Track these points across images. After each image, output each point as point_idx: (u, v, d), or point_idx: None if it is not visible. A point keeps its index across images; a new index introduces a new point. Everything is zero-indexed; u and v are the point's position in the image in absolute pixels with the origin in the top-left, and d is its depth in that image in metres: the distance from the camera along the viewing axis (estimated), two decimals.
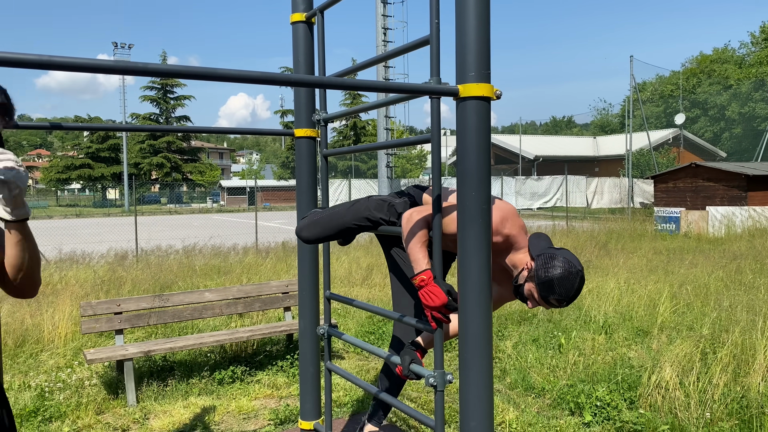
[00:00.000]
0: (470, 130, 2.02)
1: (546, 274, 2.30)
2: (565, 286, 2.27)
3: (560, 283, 2.28)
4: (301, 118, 3.20)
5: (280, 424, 4.33)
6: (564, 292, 2.28)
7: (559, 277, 2.27)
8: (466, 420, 2.08)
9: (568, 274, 2.27)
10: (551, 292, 2.29)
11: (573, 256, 2.36)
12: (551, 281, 2.28)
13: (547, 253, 2.35)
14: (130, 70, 1.49)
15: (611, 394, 4.39)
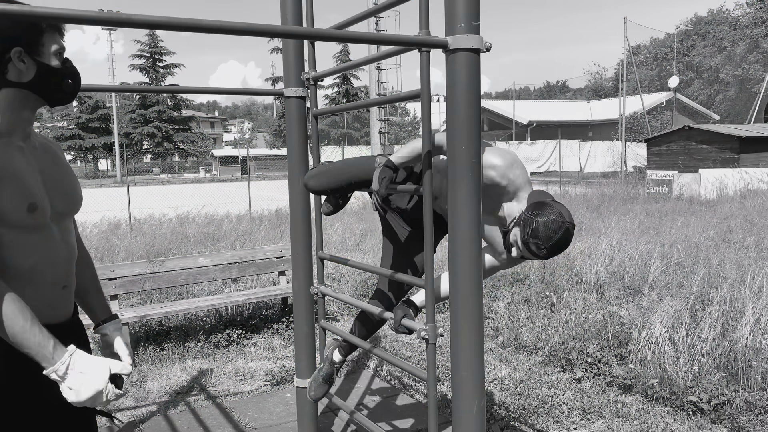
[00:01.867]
0: (460, 83, 2.01)
1: (532, 216, 2.26)
2: (547, 233, 2.21)
3: (543, 228, 2.22)
4: (290, 77, 3.16)
5: (276, 384, 4.39)
6: (545, 237, 2.21)
7: (543, 222, 2.22)
8: (457, 370, 2.11)
9: (552, 222, 2.22)
10: (532, 236, 2.23)
11: (566, 210, 2.31)
12: (535, 224, 2.23)
13: (541, 200, 2.32)
14: (114, 21, 1.47)
15: (602, 351, 4.46)
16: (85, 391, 1.52)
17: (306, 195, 3.30)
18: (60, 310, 1.71)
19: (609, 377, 4.18)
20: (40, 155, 1.72)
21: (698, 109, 42.56)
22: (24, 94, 1.63)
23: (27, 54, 1.59)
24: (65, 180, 1.77)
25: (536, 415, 3.75)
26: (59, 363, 1.50)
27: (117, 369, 1.58)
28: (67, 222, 1.78)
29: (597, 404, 3.86)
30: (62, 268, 1.71)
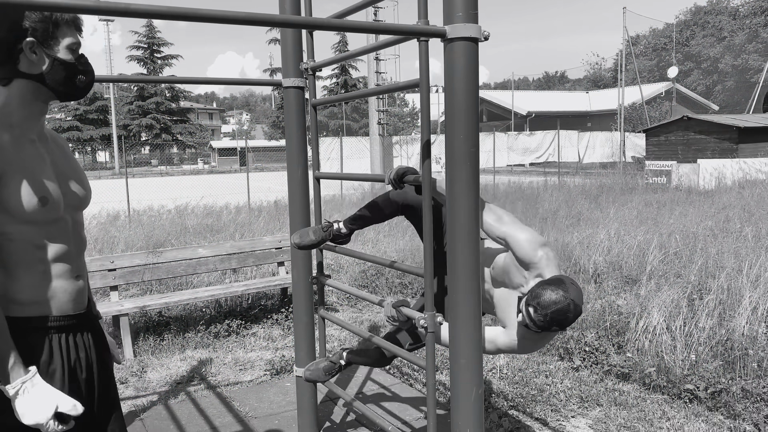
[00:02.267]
0: (458, 72, 2.01)
1: (542, 284, 2.16)
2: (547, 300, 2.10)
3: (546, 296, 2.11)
4: (289, 68, 3.16)
5: (276, 374, 4.41)
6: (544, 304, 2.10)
7: (549, 290, 2.12)
8: (456, 358, 2.13)
9: (557, 292, 2.10)
10: (533, 299, 2.14)
11: (578, 291, 2.15)
12: (540, 291, 2.13)
13: (559, 277, 2.19)
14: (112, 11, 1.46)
15: (600, 340, 4.49)
16: (27, 418, 1.54)
17: (305, 185, 3.31)
18: (77, 300, 1.75)
19: (607, 366, 4.21)
20: (51, 148, 1.73)
21: (697, 100, 42.51)
22: (35, 87, 1.63)
23: (40, 46, 1.59)
24: (75, 173, 1.79)
25: (534, 404, 3.78)
26: (10, 386, 1.53)
27: (64, 408, 1.57)
28: (79, 215, 1.80)
29: (594, 392, 3.89)
30: (75, 260, 1.74)
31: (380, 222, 2.92)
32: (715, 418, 3.50)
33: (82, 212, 1.87)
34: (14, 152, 1.58)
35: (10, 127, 1.60)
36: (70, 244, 1.72)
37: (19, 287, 1.61)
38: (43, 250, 1.63)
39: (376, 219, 2.88)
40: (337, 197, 15.35)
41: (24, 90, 1.62)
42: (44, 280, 1.64)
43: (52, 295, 1.65)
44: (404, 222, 10.39)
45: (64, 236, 1.69)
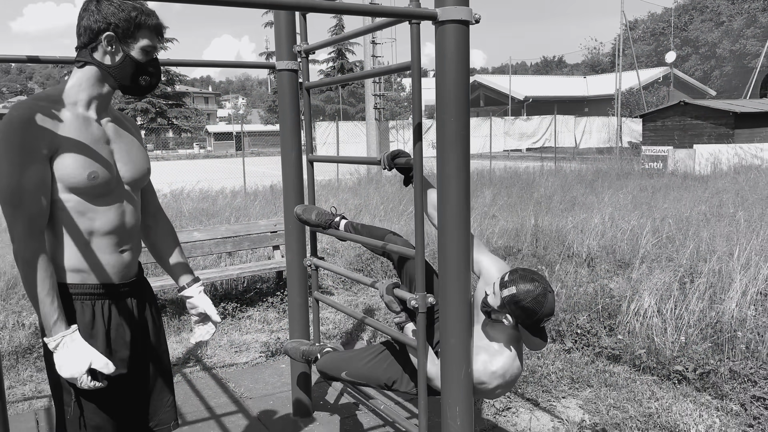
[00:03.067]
0: (449, 54, 2.03)
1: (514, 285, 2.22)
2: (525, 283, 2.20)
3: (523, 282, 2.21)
4: (282, 50, 3.16)
5: (271, 356, 4.46)
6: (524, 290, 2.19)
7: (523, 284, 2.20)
8: (446, 337, 2.16)
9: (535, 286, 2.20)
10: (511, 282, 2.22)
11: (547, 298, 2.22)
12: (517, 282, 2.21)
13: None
14: None
15: (591, 322, 4.54)
16: (63, 371, 1.67)
17: (298, 168, 3.32)
18: (122, 272, 1.85)
19: (598, 348, 4.26)
20: (112, 129, 1.83)
21: (695, 85, 42.44)
22: (104, 75, 1.77)
23: (118, 41, 1.74)
24: (133, 153, 1.88)
25: (525, 385, 3.83)
26: (52, 339, 1.67)
27: (97, 365, 1.68)
28: (134, 191, 1.89)
29: (585, 374, 3.94)
30: (123, 234, 1.83)
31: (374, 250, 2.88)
32: (703, 399, 3.56)
33: (148, 189, 2.03)
34: (73, 129, 1.70)
35: (74, 105, 1.74)
36: (119, 219, 1.81)
37: (65, 254, 1.74)
38: (90, 221, 1.75)
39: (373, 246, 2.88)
40: (333, 182, 15.34)
41: (93, 75, 1.76)
42: (89, 250, 1.76)
43: (95, 265, 1.77)
44: (400, 207, 10.42)
45: (113, 211, 1.79)
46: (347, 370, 2.71)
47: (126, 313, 1.88)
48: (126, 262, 1.86)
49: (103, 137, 1.80)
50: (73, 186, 1.70)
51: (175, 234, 2.14)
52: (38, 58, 2.69)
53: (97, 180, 1.72)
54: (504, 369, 2.26)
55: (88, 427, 1.79)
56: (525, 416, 3.45)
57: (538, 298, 2.18)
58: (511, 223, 8.12)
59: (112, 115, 1.87)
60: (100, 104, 1.80)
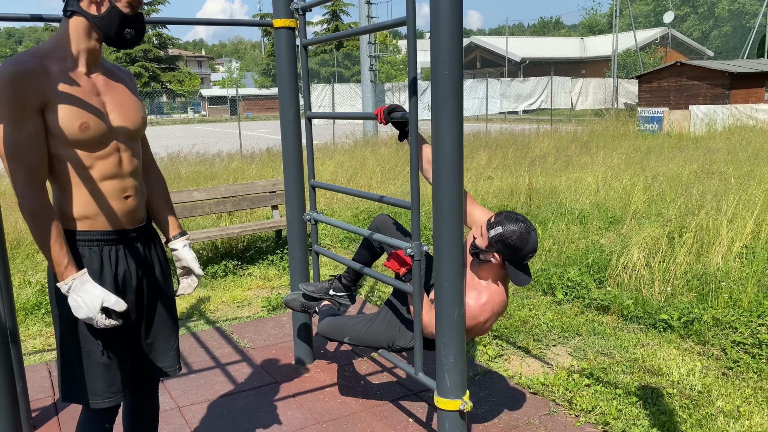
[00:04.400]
0: (443, 10, 2.10)
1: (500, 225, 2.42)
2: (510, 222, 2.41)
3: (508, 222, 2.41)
4: (279, 8, 3.21)
5: (273, 310, 4.61)
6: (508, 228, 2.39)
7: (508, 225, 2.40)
8: (440, 281, 2.29)
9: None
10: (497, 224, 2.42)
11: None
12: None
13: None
14: None
15: (582, 276, 4.69)
16: (79, 313, 1.77)
17: (297, 125, 3.41)
18: (125, 217, 1.92)
19: (587, 299, 4.42)
20: (103, 81, 1.88)
21: (692, 45, 42.07)
22: (90, 27, 1.80)
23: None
24: (126, 103, 1.92)
25: (517, 334, 3.99)
26: (64, 283, 1.76)
27: (109, 304, 1.78)
28: (130, 140, 1.94)
29: (575, 324, 4.10)
30: (124, 180, 1.90)
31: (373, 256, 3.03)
32: (686, 344, 3.72)
33: (142, 141, 2.06)
34: (62, 83, 1.74)
35: (62, 59, 1.77)
36: (118, 167, 1.88)
37: (70, 203, 1.82)
38: (90, 171, 1.82)
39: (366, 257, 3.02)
40: (329, 145, 15.36)
41: (79, 27, 1.79)
42: (93, 198, 1.84)
43: (100, 212, 1.85)
44: (396, 168, 10.50)
45: (111, 159, 1.86)
46: (349, 336, 2.87)
47: (133, 258, 1.96)
48: (131, 207, 1.93)
49: (94, 89, 1.84)
50: (67, 138, 1.75)
51: (165, 186, 2.21)
52: (41, 16, 2.74)
53: (89, 131, 1.78)
54: (493, 302, 2.45)
55: (95, 370, 1.88)
56: (516, 362, 3.62)
57: (522, 236, 2.35)
58: (505, 183, 8.23)
59: (103, 68, 1.91)
60: (89, 58, 1.83)
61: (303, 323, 3.60)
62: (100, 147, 1.83)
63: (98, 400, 1.89)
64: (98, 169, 1.83)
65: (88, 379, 1.87)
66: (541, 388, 3.26)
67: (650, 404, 3.04)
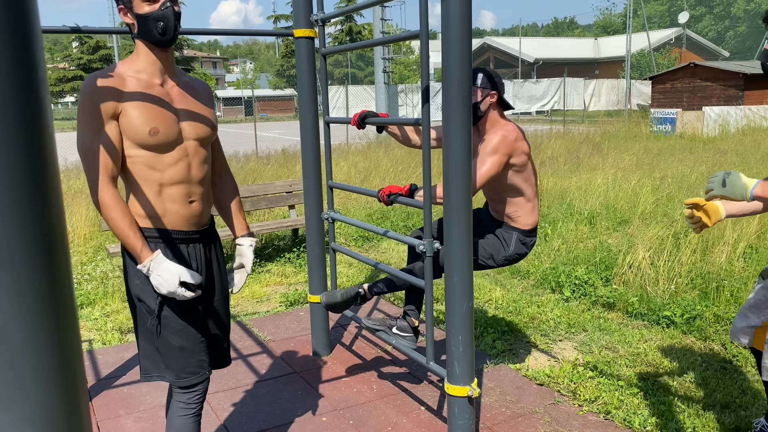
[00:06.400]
0: (453, 21, 2.27)
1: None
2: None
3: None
4: (300, 19, 3.40)
5: (290, 305, 4.81)
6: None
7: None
8: (450, 276, 2.47)
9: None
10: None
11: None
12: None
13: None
14: None
15: (589, 274, 4.84)
16: (162, 289, 1.95)
17: (315, 129, 3.60)
18: (189, 220, 2.08)
19: (594, 297, 4.57)
20: (176, 91, 2.05)
21: (707, 46, 41.82)
22: (144, 42, 1.99)
23: (129, 10, 1.96)
24: (197, 112, 2.09)
25: (525, 330, 4.16)
26: (142, 265, 1.95)
27: (185, 278, 1.96)
28: (199, 148, 2.09)
29: (581, 320, 4.26)
30: (191, 185, 2.06)
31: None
32: (688, 340, 3.87)
33: (215, 146, 2.24)
34: (135, 92, 1.94)
35: (137, 72, 1.98)
36: (186, 172, 2.04)
37: (138, 201, 2.00)
38: (159, 173, 1.99)
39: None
40: (343, 146, 15.58)
41: (140, 46, 2.00)
42: (159, 199, 2.01)
43: (165, 213, 2.02)
44: (409, 169, 10.67)
45: (180, 164, 2.02)
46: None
47: (193, 259, 2.11)
48: (195, 211, 2.09)
49: (167, 98, 2.01)
50: (138, 141, 1.94)
51: (237, 190, 2.37)
52: (80, 28, 2.95)
53: (158, 135, 1.95)
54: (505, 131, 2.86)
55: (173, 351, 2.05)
56: (524, 356, 3.78)
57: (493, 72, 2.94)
58: None
59: (179, 79, 2.09)
60: (160, 69, 2.01)
61: (321, 317, 3.79)
62: (169, 151, 2.00)
63: (183, 378, 2.07)
64: (167, 173, 2.00)
65: (165, 359, 2.06)
66: (546, 379, 3.43)
67: (651, 395, 3.19)
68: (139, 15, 1.95)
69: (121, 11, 1.97)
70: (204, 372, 2.12)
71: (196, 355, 2.09)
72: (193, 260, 2.11)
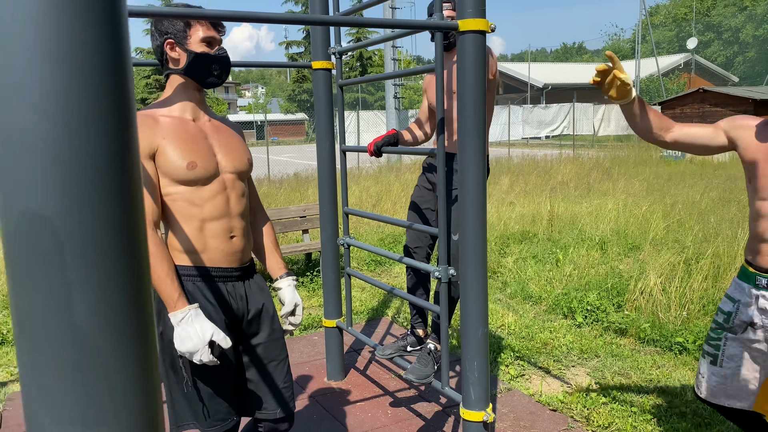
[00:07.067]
0: (468, 59, 2.37)
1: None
2: None
3: None
4: (318, 52, 3.52)
5: (304, 329, 4.86)
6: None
7: None
8: (465, 302, 2.53)
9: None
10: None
11: None
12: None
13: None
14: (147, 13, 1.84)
15: (601, 300, 4.87)
16: (182, 346, 1.83)
17: (332, 157, 3.69)
18: (230, 256, 2.02)
19: (606, 323, 4.60)
20: (210, 126, 2.05)
21: (716, 71, 41.95)
22: (184, 79, 1.98)
23: (178, 45, 1.95)
24: (232, 147, 2.08)
25: (538, 355, 4.19)
26: (173, 314, 1.84)
27: (217, 339, 1.85)
28: (236, 181, 2.06)
29: (594, 346, 4.28)
30: (231, 220, 2.02)
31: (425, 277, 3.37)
32: None
33: (248, 182, 2.18)
34: (171, 130, 1.92)
35: (170, 111, 1.97)
36: (225, 207, 2.00)
37: (178, 238, 1.95)
38: (198, 208, 1.95)
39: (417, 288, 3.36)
40: (354, 169, 15.73)
41: (176, 83, 1.99)
42: (200, 235, 1.96)
43: (205, 249, 1.97)
44: None
45: (219, 199, 1.98)
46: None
47: (233, 297, 2.03)
48: (236, 247, 2.02)
49: (201, 133, 1.99)
50: (176, 177, 1.90)
51: (272, 228, 2.30)
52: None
53: (196, 169, 1.91)
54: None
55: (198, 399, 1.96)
56: (537, 381, 3.81)
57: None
58: (527, 209, 8.43)
59: (210, 116, 2.07)
60: (194, 107, 2.01)
61: (335, 342, 3.84)
62: (207, 186, 1.95)
63: (208, 427, 2.00)
64: (206, 208, 1.95)
65: (194, 406, 1.97)
66: (560, 405, 3.45)
67: (664, 422, 3.21)
68: (195, 53, 1.94)
69: (169, 45, 1.94)
70: (232, 418, 2.05)
71: (225, 402, 2.02)
72: (233, 299, 2.04)
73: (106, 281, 0.56)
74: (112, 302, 0.56)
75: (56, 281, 0.54)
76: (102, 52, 0.55)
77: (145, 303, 0.61)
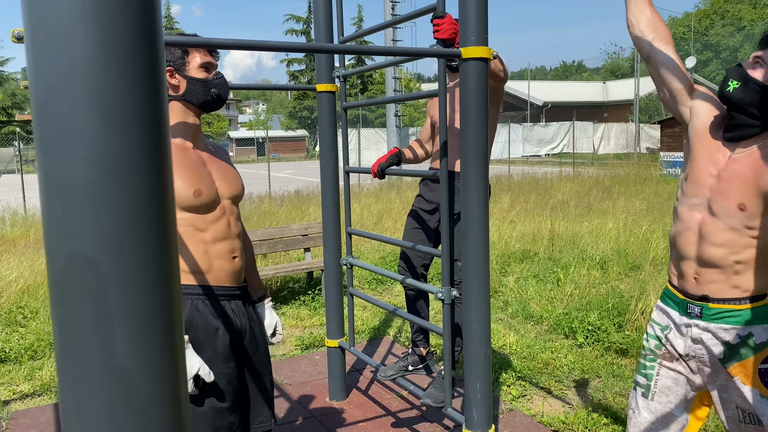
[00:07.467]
0: (471, 85, 2.43)
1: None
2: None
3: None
4: (322, 75, 3.59)
5: (306, 349, 4.88)
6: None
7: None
8: (468, 323, 2.56)
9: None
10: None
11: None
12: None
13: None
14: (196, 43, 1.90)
15: (602, 320, 4.89)
16: None
17: (335, 177, 3.74)
18: (233, 275, 2.12)
19: (607, 342, 4.62)
20: (206, 155, 2.11)
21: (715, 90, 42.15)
22: (184, 105, 2.05)
23: (177, 72, 2.02)
24: (228, 174, 2.16)
25: (540, 375, 4.20)
26: None
27: (202, 372, 1.93)
28: (233, 205, 2.16)
29: (595, 366, 4.30)
30: (232, 242, 2.11)
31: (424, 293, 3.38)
32: None
33: (238, 205, 2.24)
34: (175, 158, 1.96)
35: (172, 138, 2.01)
36: (227, 229, 2.09)
37: (184, 260, 2.01)
38: (203, 233, 2.02)
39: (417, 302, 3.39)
40: (355, 187, 15.80)
41: (177, 109, 2.05)
42: (206, 257, 2.03)
43: (210, 269, 2.04)
44: None
45: (221, 221, 2.07)
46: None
47: (236, 315, 2.12)
48: (238, 267, 2.12)
49: (200, 161, 2.07)
50: (182, 204, 1.96)
51: (252, 250, 2.40)
52: None
53: (201, 196, 1.98)
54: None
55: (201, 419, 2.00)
56: (538, 402, 3.82)
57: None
58: (528, 228, 8.47)
59: (204, 144, 2.15)
60: (194, 133, 2.08)
61: (337, 362, 3.86)
62: (211, 211, 2.04)
63: None
64: (211, 232, 2.03)
65: (194, 426, 2.01)
66: (561, 426, 3.46)
67: None
68: (194, 79, 2.01)
69: (168, 72, 2.00)
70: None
71: (229, 418, 2.07)
72: (236, 317, 2.12)
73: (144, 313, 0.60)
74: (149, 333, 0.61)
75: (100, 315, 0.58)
76: (143, 104, 0.59)
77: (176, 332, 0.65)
